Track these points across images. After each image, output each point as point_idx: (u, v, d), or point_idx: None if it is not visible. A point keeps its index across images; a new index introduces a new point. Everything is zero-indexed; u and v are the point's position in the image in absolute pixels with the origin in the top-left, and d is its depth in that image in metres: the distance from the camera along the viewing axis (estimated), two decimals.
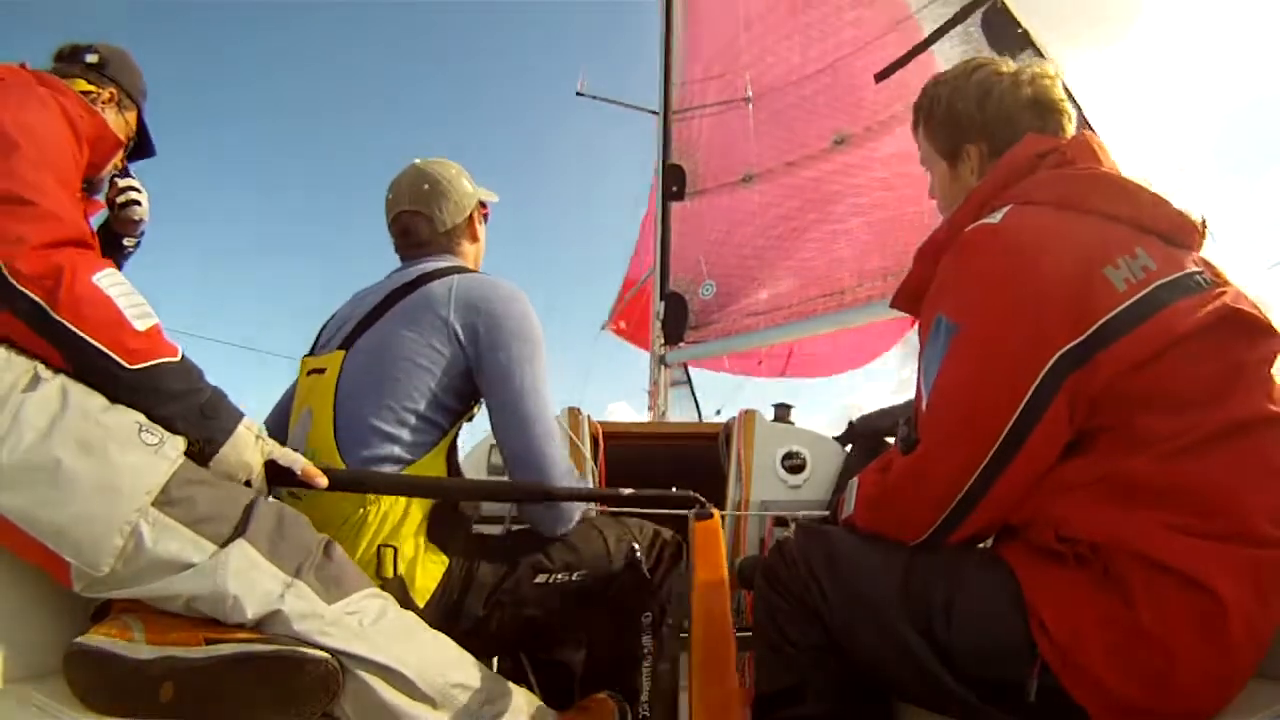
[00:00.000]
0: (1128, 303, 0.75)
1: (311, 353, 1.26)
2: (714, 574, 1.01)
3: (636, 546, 1.22)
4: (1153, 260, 0.78)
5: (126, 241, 1.35)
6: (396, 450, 1.05)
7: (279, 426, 1.25)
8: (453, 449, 1.15)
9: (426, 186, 1.28)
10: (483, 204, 1.39)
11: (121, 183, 1.31)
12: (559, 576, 1.12)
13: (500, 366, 1.09)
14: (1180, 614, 0.66)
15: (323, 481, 0.96)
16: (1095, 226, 0.82)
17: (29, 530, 0.75)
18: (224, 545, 0.82)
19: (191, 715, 0.77)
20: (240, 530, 0.85)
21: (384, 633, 0.87)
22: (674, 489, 1.24)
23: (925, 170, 1.13)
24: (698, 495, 1.18)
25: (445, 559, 1.07)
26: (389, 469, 1.04)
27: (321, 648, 0.82)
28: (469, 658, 0.95)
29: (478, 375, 1.11)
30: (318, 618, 0.84)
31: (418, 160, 1.33)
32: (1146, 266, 0.77)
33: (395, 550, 1.03)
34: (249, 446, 0.92)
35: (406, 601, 1.02)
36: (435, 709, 0.86)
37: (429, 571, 1.05)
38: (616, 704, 1.16)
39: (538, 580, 1.11)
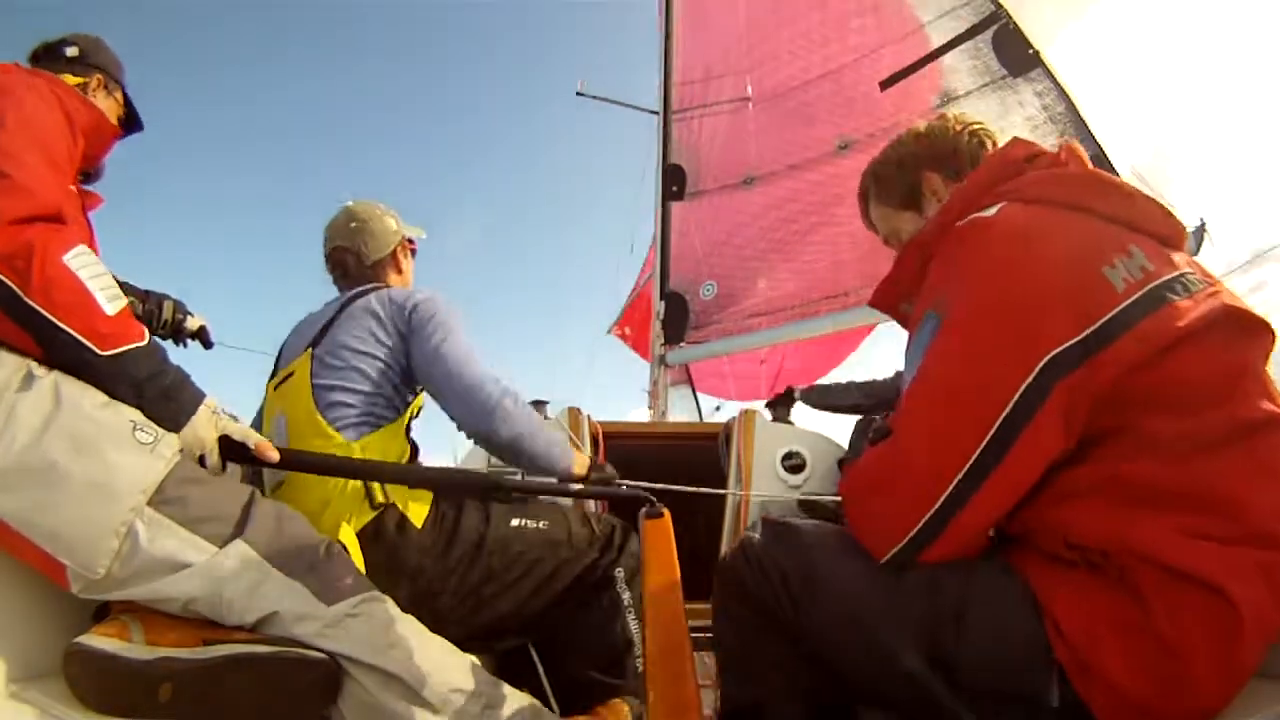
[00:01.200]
0: (1127, 302, 0.72)
1: (274, 375, 1.39)
2: (665, 574, 1.00)
3: (587, 514, 1.35)
4: (1150, 260, 0.76)
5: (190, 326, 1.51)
6: (370, 417, 1.22)
7: None
8: (408, 429, 1.30)
9: (354, 225, 1.47)
10: (409, 240, 1.57)
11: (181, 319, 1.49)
12: (529, 523, 1.26)
13: (424, 332, 1.28)
14: (1196, 620, 0.65)
15: (274, 456, 0.98)
16: (1091, 226, 0.79)
17: (24, 533, 0.75)
18: (222, 545, 0.82)
19: (190, 716, 0.76)
20: (239, 530, 0.84)
21: (383, 636, 0.87)
22: (624, 484, 1.32)
23: (891, 243, 1.15)
24: (648, 494, 1.19)
25: (430, 494, 1.19)
26: (365, 430, 1.19)
27: (320, 650, 0.82)
28: (470, 662, 0.95)
29: (411, 348, 1.27)
30: (316, 620, 0.83)
31: (349, 202, 1.53)
32: (1144, 266, 0.75)
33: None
34: (205, 423, 0.91)
35: (405, 526, 1.11)
36: (435, 713, 0.85)
37: (420, 500, 1.16)
38: (631, 709, 1.16)
39: (514, 523, 1.24)
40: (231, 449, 0.95)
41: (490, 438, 1.22)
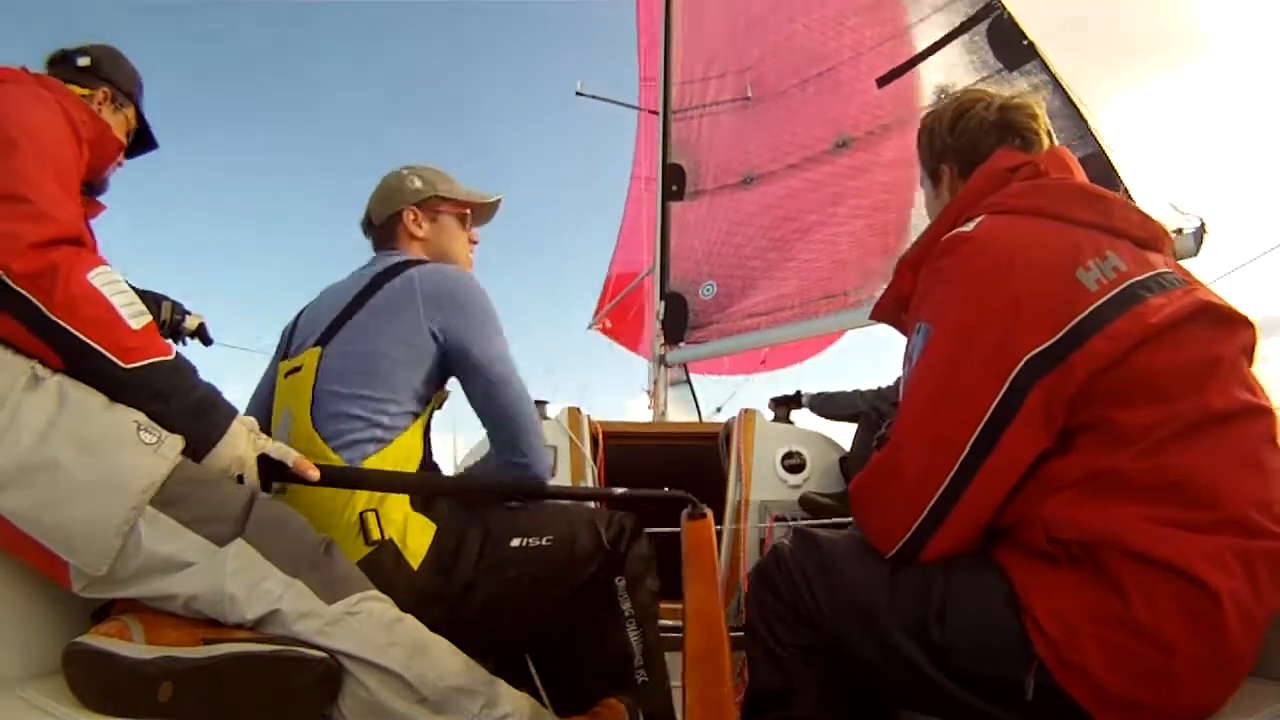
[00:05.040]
0: (1100, 301, 0.76)
1: (285, 355, 1.30)
2: (706, 574, 1.02)
3: (596, 521, 1.29)
4: (1123, 261, 0.79)
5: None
6: (377, 433, 1.12)
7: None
8: (427, 429, 1.23)
9: (377, 186, 1.42)
10: (442, 202, 1.41)
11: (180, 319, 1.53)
12: (531, 540, 1.19)
13: (477, 358, 1.19)
14: (1172, 607, 0.66)
15: (314, 475, 0.98)
16: (1065, 231, 0.83)
17: (27, 531, 0.75)
18: (223, 544, 0.82)
19: (190, 715, 0.76)
20: (239, 529, 0.84)
21: (383, 634, 0.87)
22: (666, 489, 1.27)
23: (922, 184, 1.19)
24: (690, 495, 1.20)
25: (433, 524, 1.13)
26: (370, 449, 1.11)
27: (320, 648, 0.82)
28: (469, 661, 0.95)
29: (452, 358, 1.20)
30: (316, 618, 0.84)
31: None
32: (1117, 267, 0.79)
33: (377, 513, 1.07)
34: (242, 441, 0.92)
35: (400, 565, 1.06)
36: (435, 712, 0.86)
37: (419, 536, 1.10)
38: (627, 707, 1.16)
39: (514, 544, 1.17)
40: (270, 468, 0.95)
41: (543, 476, 1.23)
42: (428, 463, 1.24)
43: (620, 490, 1.20)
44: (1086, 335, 0.74)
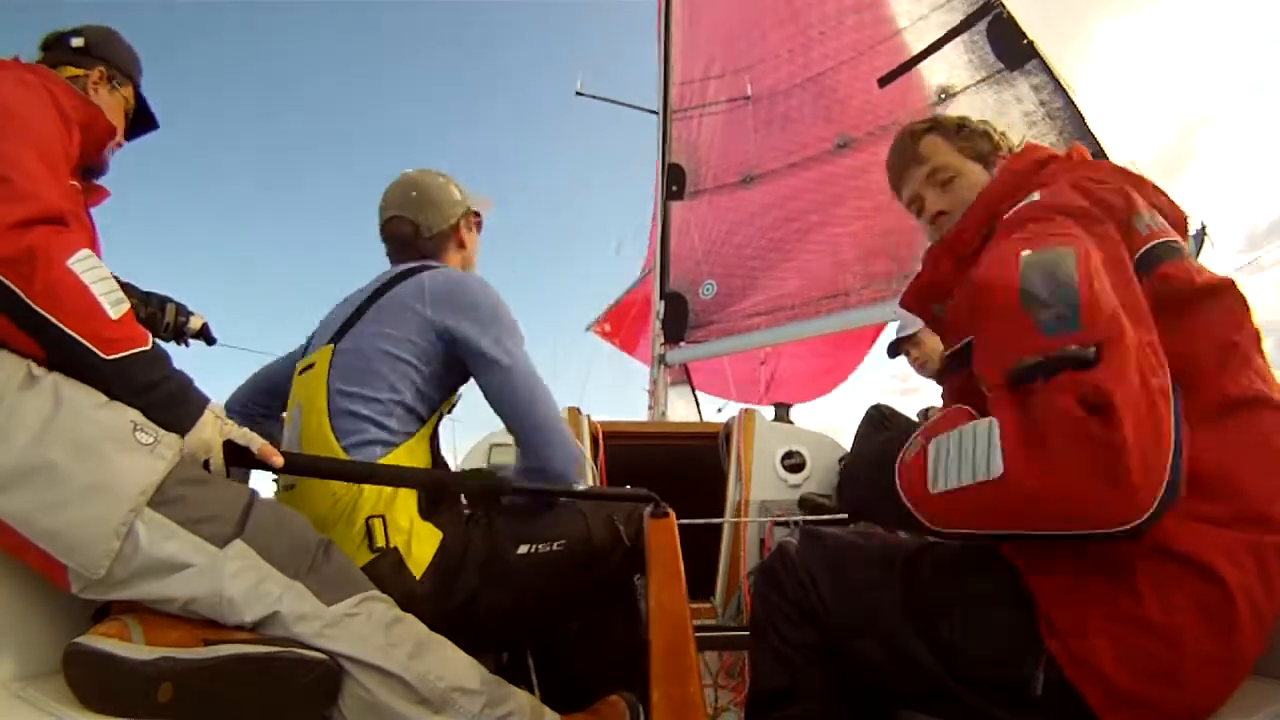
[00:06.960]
0: (1150, 245, 0.80)
1: (303, 356, 1.31)
2: (671, 571, 1.02)
3: (616, 518, 1.26)
4: (1161, 223, 0.84)
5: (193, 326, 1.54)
6: (384, 435, 1.11)
7: (244, 402, 1.39)
8: (434, 436, 1.22)
9: (414, 194, 1.35)
10: (475, 213, 1.45)
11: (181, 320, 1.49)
12: (540, 547, 1.17)
13: (488, 353, 1.16)
14: (1186, 602, 0.66)
15: (278, 461, 0.96)
16: (1119, 189, 0.86)
17: (24, 533, 0.75)
18: (222, 546, 0.82)
19: (190, 716, 0.76)
20: (239, 530, 0.84)
21: (383, 635, 0.87)
22: (628, 485, 1.26)
23: (940, 181, 1.09)
24: (652, 494, 1.19)
25: (439, 533, 1.11)
26: (377, 451, 1.09)
27: (320, 649, 0.82)
28: (470, 661, 0.95)
29: (470, 364, 1.17)
30: (316, 619, 0.83)
31: (409, 170, 1.41)
32: (1159, 223, 0.84)
33: (384, 519, 1.06)
34: (209, 427, 0.91)
35: (402, 573, 1.05)
36: (435, 713, 0.86)
37: (424, 544, 1.09)
38: (628, 704, 1.15)
39: (520, 551, 1.15)
40: (235, 453, 0.94)
41: (563, 477, 1.17)
42: (436, 466, 1.23)
43: (581, 487, 1.19)
44: (1141, 273, 0.77)
